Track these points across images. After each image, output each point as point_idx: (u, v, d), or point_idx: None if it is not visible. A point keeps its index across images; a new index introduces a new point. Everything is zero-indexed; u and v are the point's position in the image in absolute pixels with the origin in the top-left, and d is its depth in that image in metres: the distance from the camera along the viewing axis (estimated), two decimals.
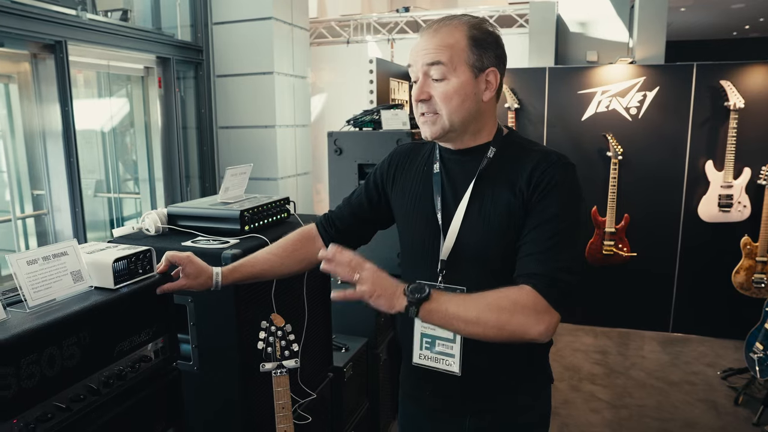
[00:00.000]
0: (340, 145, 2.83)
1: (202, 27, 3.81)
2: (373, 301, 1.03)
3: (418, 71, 1.14)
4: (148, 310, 1.25)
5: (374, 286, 1.03)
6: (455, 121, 1.14)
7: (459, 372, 1.16)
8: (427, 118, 1.15)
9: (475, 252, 1.14)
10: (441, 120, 1.14)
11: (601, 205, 3.97)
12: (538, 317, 1.01)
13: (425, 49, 1.12)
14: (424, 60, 1.12)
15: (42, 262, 1.08)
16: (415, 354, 1.20)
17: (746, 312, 3.60)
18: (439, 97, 1.12)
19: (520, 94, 4.14)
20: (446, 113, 1.13)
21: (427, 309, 1.02)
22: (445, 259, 1.16)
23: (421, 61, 1.13)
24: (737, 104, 3.62)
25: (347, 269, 1.04)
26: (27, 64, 2.76)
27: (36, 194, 2.92)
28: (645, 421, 2.92)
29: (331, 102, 5.61)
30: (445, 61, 1.11)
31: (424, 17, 5.48)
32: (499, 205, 1.13)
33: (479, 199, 1.15)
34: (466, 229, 1.15)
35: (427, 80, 1.13)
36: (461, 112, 1.13)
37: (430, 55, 1.12)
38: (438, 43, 1.11)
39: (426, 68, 1.13)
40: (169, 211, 1.71)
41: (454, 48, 1.11)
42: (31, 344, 0.96)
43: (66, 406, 1.03)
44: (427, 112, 1.15)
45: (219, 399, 1.56)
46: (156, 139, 3.59)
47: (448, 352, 1.16)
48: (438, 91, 1.12)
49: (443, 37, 1.12)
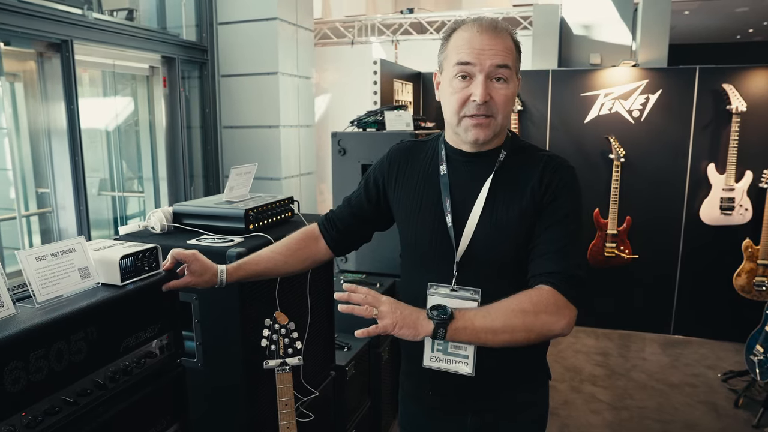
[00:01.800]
0: (344, 146, 2.85)
1: (207, 27, 3.83)
2: (398, 332, 1.02)
3: (481, 71, 1.10)
4: (153, 306, 1.26)
5: (395, 318, 1.02)
6: (503, 125, 1.15)
7: (473, 373, 1.15)
8: (482, 120, 1.12)
9: (489, 254, 1.15)
10: (495, 123, 1.13)
11: (603, 207, 3.98)
12: (559, 313, 1.05)
13: (492, 50, 1.09)
14: (493, 61, 1.09)
15: (50, 258, 1.10)
16: (426, 356, 1.19)
17: (747, 315, 3.60)
18: (500, 99, 1.11)
19: (524, 96, 4.15)
20: (501, 117, 1.13)
21: (455, 328, 1.01)
22: (459, 261, 1.17)
23: (489, 61, 1.09)
24: (739, 108, 3.62)
25: (364, 308, 1.04)
26: (33, 62, 2.78)
27: (41, 192, 2.93)
28: (645, 422, 2.93)
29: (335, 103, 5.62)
30: (510, 65, 1.11)
31: (428, 19, 5.50)
32: (513, 208, 1.14)
33: (492, 202, 1.16)
34: (480, 232, 1.15)
35: (488, 81, 1.10)
36: (509, 117, 1.16)
37: (500, 57, 1.10)
38: (504, 45, 1.11)
39: (492, 69, 1.10)
40: (174, 210, 1.72)
41: (512, 53, 1.12)
42: (39, 339, 0.98)
43: (73, 400, 1.04)
44: (484, 114, 1.12)
45: (222, 396, 1.57)
46: (160, 138, 3.61)
47: (462, 353, 1.15)
48: (500, 93, 1.11)
49: (504, 40, 1.11)
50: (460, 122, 1.14)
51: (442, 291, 1.18)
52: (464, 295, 1.16)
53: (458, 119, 1.14)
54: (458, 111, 1.13)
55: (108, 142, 3.48)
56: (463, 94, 1.11)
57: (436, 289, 1.19)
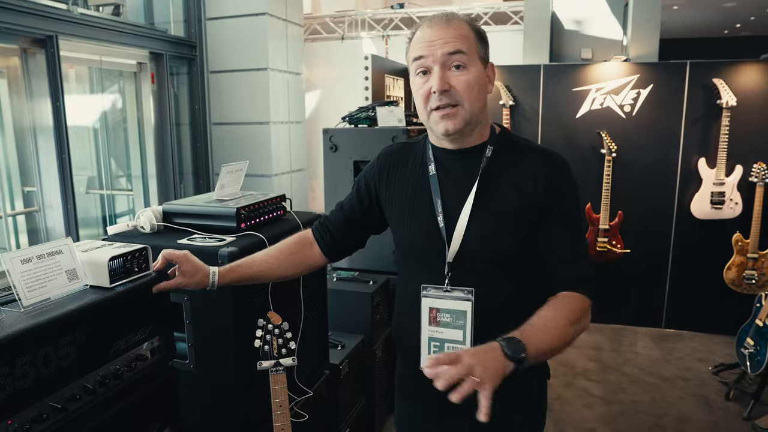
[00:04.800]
0: (336, 142, 2.82)
1: (195, 22, 3.78)
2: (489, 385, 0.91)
3: (434, 61, 1.10)
4: (144, 308, 1.23)
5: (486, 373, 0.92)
6: (475, 112, 1.13)
7: None
8: (448, 111, 1.10)
9: (482, 252, 1.14)
10: (462, 111, 1.11)
11: (595, 202, 3.99)
12: (587, 314, 1.13)
13: (442, 39, 1.09)
14: (444, 49, 1.09)
15: (36, 260, 1.07)
16: (423, 358, 1.17)
17: (737, 308, 3.63)
18: (461, 86, 1.10)
19: (515, 91, 4.14)
20: (468, 103, 1.11)
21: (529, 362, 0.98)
22: (451, 262, 1.15)
23: (440, 50, 1.09)
24: (729, 102, 3.64)
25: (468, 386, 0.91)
26: (17, 58, 2.72)
27: (27, 191, 2.88)
28: (638, 416, 2.95)
29: (325, 99, 5.59)
30: (465, 50, 1.10)
31: (418, 14, 5.47)
32: (505, 205, 1.13)
33: (483, 199, 1.14)
34: (471, 231, 1.13)
35: (445, 71, 1.10)
36: (479, 103, 1.13)
37: (450, 44, 1.09)
38: (455, 33, 1.10)
39: (446, 58, 1.09)
40: (164, 209, 1.69)
41: (468, 39, 1.11)
42: (25, 344, 0.95)
43: (61, 406, 1.02)
44: (447, 104, 1.10)
45: (216, 397, 1.55)
46: (149, 136, 3.56)
47: None
48: (460, 80, 1.10)
49: (456, 28, 1.11)
50: (429, 117, 1.13)
51: (435, 293, 1.17)
52: (458, 295, 1.15)
53: (427, 114, 1.14)
54: (425, 106, 1.13)
55: (96, 139, 3.42)
56: (424, 90, 1.12)
57: (429, 291, 1.17)
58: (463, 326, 1.13)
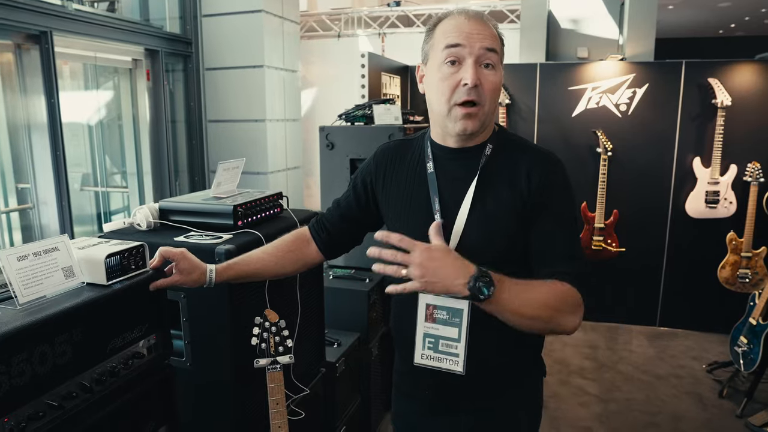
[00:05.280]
0: (332, 140, 2.82)
1: (191, 19, 3.76)
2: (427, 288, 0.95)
3: (470, 53, 1.06)
4: (140, 306, 1.23)
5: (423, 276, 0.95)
6: (490, 117, 1.12)
7: (463, 371, 1.13)
8: (471, 110, 1.07)
9: (479, 251, 1.13)
10: (482, 113, 1.09)
11: (590, 200, 4.00)
12: (576, 312, 1.06)
13: (481, 34, 1.06)
14: (483, 44, 1.06)
15: (32, 258, 1.06)
16: (417, 354, 1.17)
17: (731, 306, 3.65)
18: (489, 86, 1.07)
19: (511, 89, 4.14)
20: (488, 105, 1.09)
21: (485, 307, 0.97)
22: None
23: (479, 44, 1.05)
24: (724, 102, 3.66)
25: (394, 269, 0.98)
26: (11, 54, 2.70)
27: (21, 188, 2.86)
28: (633, 414, 2.96)
29: (321, 96, 5.57)
30: (498, 51, 1.09)
31: (415, 11, 5.46)
32: (502, 204, 1.12)
33: (481, 198, 1.13)
34: (469, 229, 1.13)
35: (477, 66, 1.06)
36: (494, 106, 1.11)
37: (488, 41, 1.06)
38: (490, 32, 1.08)
39: (482, 52, 1.06)
40: (161, 206, 1.69)
41: (498, 41, 1.10)
42: (21, 342, 0.94)
43: (58, 404, 1.01)
44: (472, 101, 1.06)
45: (212, 395, 1.54)
46: (144, 133, 3.54)
47: (453, 352, 1.13)
48: (489, 79, 1.07)
49: (491, 28, 1.09)
50: (450, 111, 1.09)
51: None
52: None
53: (449, 108, 1.09)
54: (449, 98, 1.08)
55: (90, 136, 3.40)
56: (453, 80, 1.07)
57: None
58: (459, 324, 1.13)
